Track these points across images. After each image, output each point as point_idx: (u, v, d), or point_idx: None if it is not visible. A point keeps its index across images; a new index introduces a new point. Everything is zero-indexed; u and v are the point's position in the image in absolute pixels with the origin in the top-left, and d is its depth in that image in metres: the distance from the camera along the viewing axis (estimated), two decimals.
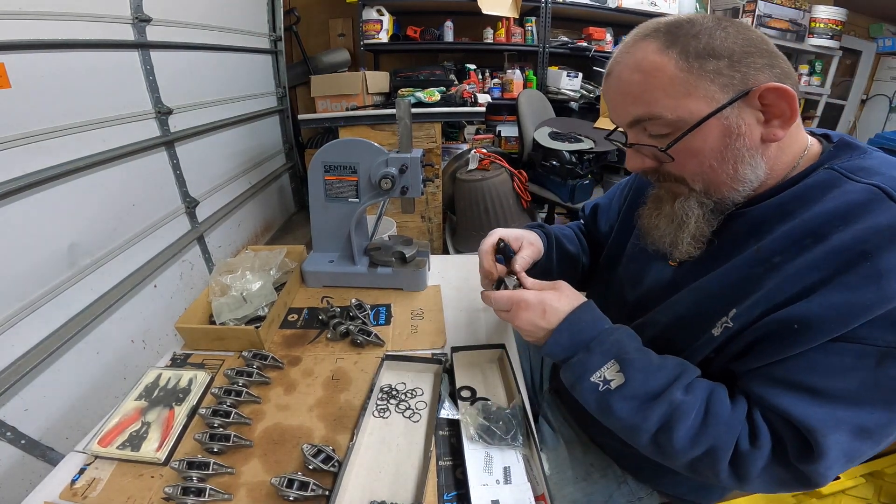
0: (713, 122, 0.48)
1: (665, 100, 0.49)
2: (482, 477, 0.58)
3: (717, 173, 0.51)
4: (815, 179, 0.50)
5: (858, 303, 0.42)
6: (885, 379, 0.43)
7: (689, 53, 0.48)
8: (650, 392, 0.52)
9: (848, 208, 0.45)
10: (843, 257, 0.43)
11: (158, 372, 0.75)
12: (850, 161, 0.50)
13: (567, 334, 0.56)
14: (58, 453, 1.19)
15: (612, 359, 0.54)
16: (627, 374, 0.53)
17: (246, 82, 2.56)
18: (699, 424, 0.50)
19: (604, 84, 0.57)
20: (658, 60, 0.49)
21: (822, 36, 3.48)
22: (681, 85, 0.48)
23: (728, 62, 0.47)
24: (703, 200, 0.54)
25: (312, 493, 0.55)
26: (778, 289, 0.47)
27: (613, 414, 0.53)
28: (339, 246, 1.04)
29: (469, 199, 2.27)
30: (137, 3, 1.60)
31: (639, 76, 0.50)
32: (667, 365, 0.54)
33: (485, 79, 3.06)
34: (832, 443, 0.44)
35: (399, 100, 1.12)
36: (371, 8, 2.77)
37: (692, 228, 0.55)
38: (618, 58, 0.53)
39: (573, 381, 0.56)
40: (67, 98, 1.32)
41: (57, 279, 1.27)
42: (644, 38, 0.51)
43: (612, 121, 0.58)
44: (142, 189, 1.64)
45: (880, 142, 2.55)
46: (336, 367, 0.78)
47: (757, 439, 0.48)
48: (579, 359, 0.55)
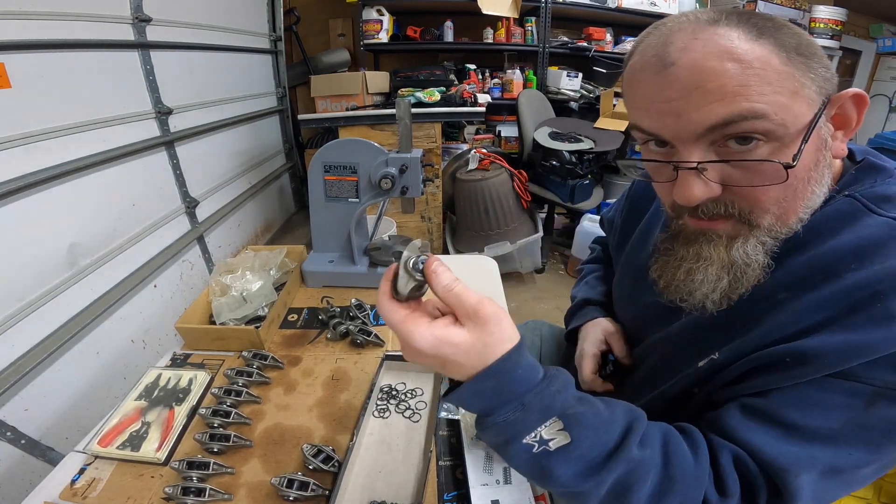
0: (814, 134, 0.40)
1: (770, 97, 0.37)
2: (482, 477, 0.58)
3: (797, 199, 0.42)
4: (834, 209, 0.44)
5: (862, 343, 0.38)
6: (874, 420, 0.39)
7: (786, 47, 0.38)
8: (602, 452, 0.41)
9: (864, 245, 0.40)
10: (853, 298, 0.39)
11: (158, 372, 0.75)
12: (874, 188, 0.44)
13: (491, 385, 0.40)
14: (58, 453, 1.19)
15: (553, 416, 0.40)
16: (574, 434, 0.40)
17: (246, 82, 2.56)
18: (660, 482, 0.41)
19: (653, 82, 0.41)
20: (756, 49, 0.37)
21: (822, 36, 3.48)
22: (789, 80, 0.38)
23: (821, 63, 0.40)
24: (765, 240, 0.43)
25: (312, 493, 0.55)
26: (777, 327, 0.42)
27: (553, 479, 0.41)
28: (339, 246, 1.04)
29: (469, 199, 2.27)
30: (137, 3, 1.61)
31: (734, 66, 0.37)
32: (616, 415, 0.43)
33: (485, 79, 3.06)
34: (804, 483, 0.40)
35: (399, 100, 1.12)
36: (371, 8, 2.77)
37: (752, 279, 0.44)
38: (681, 44, 0.39)
39: (499, 443, 0.42)
40: (67, 98, 1.32)
41: (57, 279, 1.27)
42: (714, 25, 0.39)
43: (663, 130, 0.42)
44: (142, 189, 1.65)
45: (880, 142, 2.55)
46: (336, 367, 0.78)
47: (726, 488, 0.41)
48: (509, 418, 0.40)
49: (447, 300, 0.41)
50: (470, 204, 2.27)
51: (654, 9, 2.96)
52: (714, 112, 0.38)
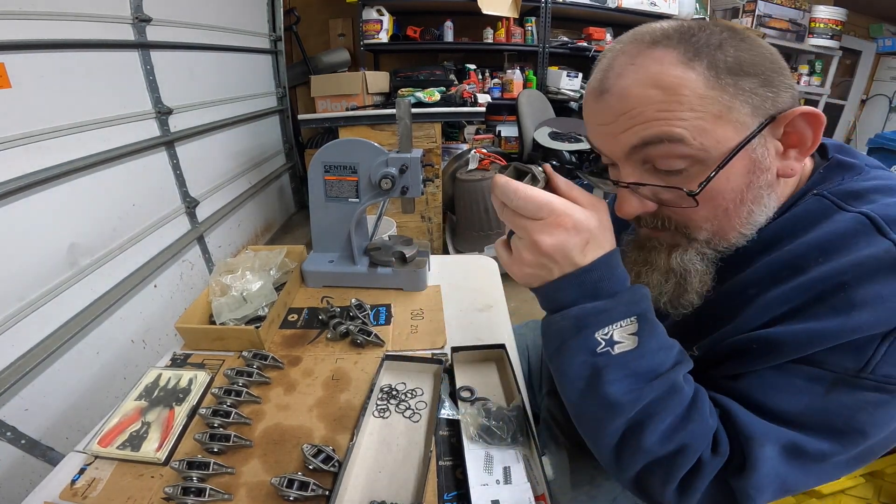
0: (740, 155, 0.41)
1: (690, 121, 0.40)
2: (482, 477, 0.58)
3: (730, 218, 0.45)
4: (804, 209, 0.46)
5: (823, 330, 0.39)
6: (835, 405, 0.40)
7: (718, 68, 0.40)
8: (654, 369, 0.43)
9: (832, 240, 0.42)
10: (818, 289, 0.40)
11: (158, 372, 0.75)
12: (842, 185, 0.46)
13: (596, 275, 0.43)
14: (58, 453, 1.19)
15: (635, 315, 0.42)
16: (642, 340, 0.42)
17: (246, 82, 2.56)
18: (680, 419, 0.43)
19: (592, 105, 0.46)
20: (683, 74, 0.40)
21: (821, 36, 3.49)
22: (712, 105, 0.40)
23: (761, 80, 0.41)
24: (705, 251, 0.48)
25: (312, 493, 0.55)
26: (747, 319, 0.44)
27: (600, 386, 0.42)
28: (339, 246, 1.04)
29: (469, 199, 2.27)
30: (137, 3, 1.61)
31: (657, 93, 0.40)
32: (675, 345, 0.45)
33: (485, 79, 3.06)
34: (766, 455, 0.40)
35: (399, 100, 1.12)
36: (371, 8, 2.77)
37: (696, 286, 0.48)
38: (618, 70, 0.43)
39: (569, 333, 0.44)
40: (67, 98, 1.32)
41: (57, 279, 1.27)
42: (653, 47, 0.42)
43: (602, 148, 0.47)
44: (142, 189, 1.65)
45: (880, 142, 2.55)
46: (336, 367, 0.78)
47: (718, 446, 0.43)
48: (598, 306, 0.42)
49: (572, 193, 0.44)
50: (470, 204, 2.27)
51: (654, 9, 2.97)
52: (635, 134, 0.42)
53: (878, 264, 0.38)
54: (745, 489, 0.41)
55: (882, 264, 0.38)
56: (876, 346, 0.38)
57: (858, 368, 0.39)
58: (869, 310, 0.37)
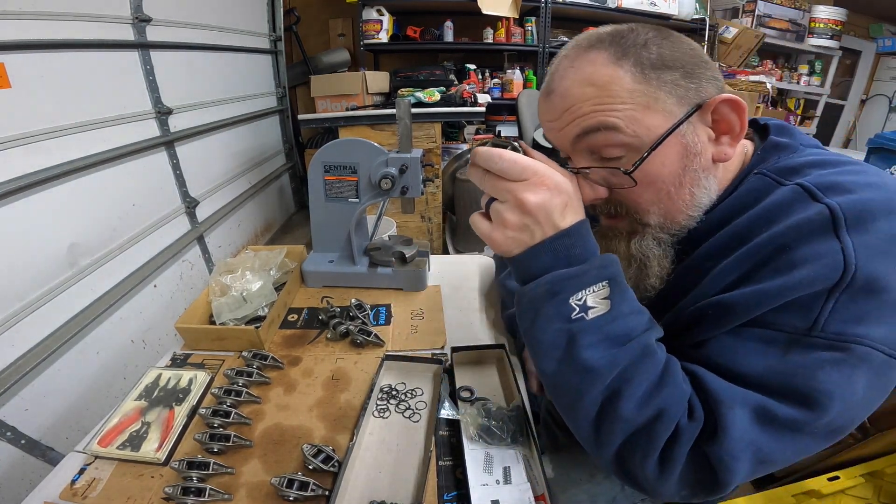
0: (672, 141, 0.47)
1: (623, 112, 0.46)
2: (482, 477, 0.58)
3: (674, 201, 0.50)
4: (747, 187, 0.50)
5: (767, 290, 0.42)
6: (793, 365, 0.41)
7: (643, 64, 0.46)
8: (627, 332, 0.45)
9: (772, 209, 0.46)
10: (763, 254, 0.44)
11: (158, 372, 0.75)
12: (779, 162, 0.50)
13: (570, 241, 0.45)
14: (58, 453, 1.19)
15: (606, 279, 0.45)
16: (615, 303, 0.44)
17: (246, 82, 2.56)
18: (656, 382, 0.44)
19: (542, 105, 0.52)
20: (612, 73, 0.46)
21: (821, 36, 3.49)
22: (640, 97, 0.46)
23: (682, 73, 0.46)
24: (660, 236, 0.52)
25: (312, 493, 0.55)
26: (703, 290, 0.48)
27: (576, 351, 0.44)
28: (339, 246, 1.04)
29: (469, 199, 2.27)
30: (137, 3, 1.61)
31: (591, 90, 0.46)
32: (646, 311, 0.48)
33: (485, 79, 3.06)
34: (736, 418, 0.41)
35: (399, 100, 1.12)
36: (371, 8, 2.77)
37: (656, 270, 0.52)
38: (561, 73, 0.49)
39: (543, 299, 0.45)
40: (67, 98, 1.32)
41: (57, 279, 1.27)
42: (588, 51, 0.48)
43: (553, 138, 0.52)
44: (142, 189, 1.65)
45: (880, 142, 2.54)
46: (336, 367, 0.78)
47: (693, 412, 0.44)
48: (571, 271, 0.45)
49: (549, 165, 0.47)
50: (470, 204, 2.28)
51: (654, 9, 2.97)
52: (577, 126, 0.48)
53: (813, 225, 0.42)
54: (719, 455, 0.41)
55: (816, 225, 0.41)
56: (822, 303, 0.40)
57: (808, 327, 0.41)
58: (808, 267, 0.40)
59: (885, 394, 0.42)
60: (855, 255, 0.39)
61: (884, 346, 0.40)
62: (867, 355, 0.40)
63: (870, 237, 0.40)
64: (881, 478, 0.77)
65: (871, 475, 0.78)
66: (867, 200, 0.41)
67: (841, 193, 0.42)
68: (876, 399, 0.42)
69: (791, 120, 3.78)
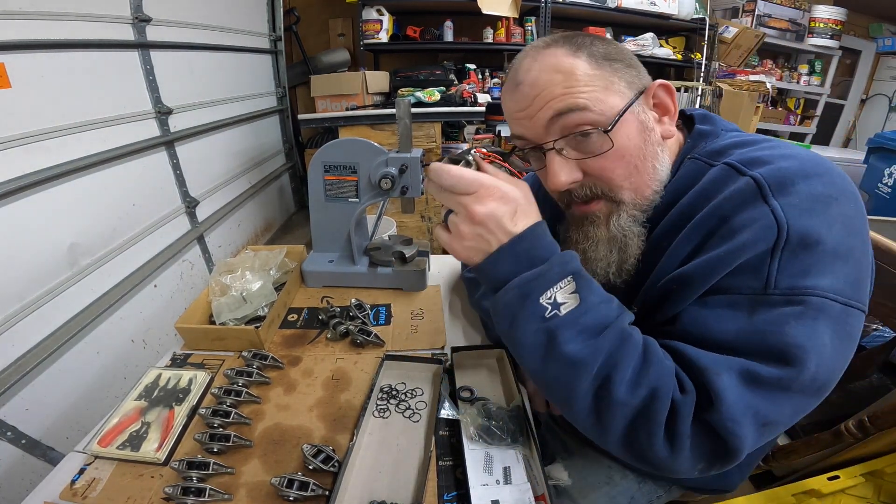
0: (630, 118, 0.53)
1: (587, 94, 0.51)
2: (482, 477, 0.58)
3: (641, 174, 0.55)
4: (684, 171, 0.56)
5: (716, 257, 0.47)
6: (761, 325, 0.44)
7: (595, 56, 0.53)
8: (601, 321, 0.47)
9: (708, 187, 0.52)
10: (707, 226, 0.49)
11: (158, 372, 0.75)
12: (706, 147, 0.56)
13: (527, 244, 0.49)
14: (58, 453, 1.19)
15: (570, 274, 0.48)
16: (583, 295, 0.48)
17: (246, 82, 2.56)
18: (641, 364, 0.46)
19: (511, 96, 0.56)
20: (573, 62, 0.52)
21: (821, 36, 3.49)
22: (599, 80, 0.52)
23: (625, 64, 0.55)
24: (634, 213, 0.56)
25: (312, 493, 0.55)
26: (663, 266, 0.53)
27: (558, 348, 0.46)
28: (339, 246, 1.04)
29: None
30: (137, 3, 1.61)
31: (559, 76, 0.52)
32: (613, 297, 0.51)
33: (485, 79, 3.06)
34: (725, 383, 0.43)
35: (399, 99, 1.12)
36: (371, 8, 2.77)
37: (634, 250, 0.56)
38: (526, 66, 0.55)
39: (516, 304, 0.48)
40: (67, 98, 1.32)
41: (57, 279, 1.27)
42: (547, 48, 0.54)
43: (524, 130, 0.56)
44: (142, 189, 1.65)
45: (880, 141, 2.54)
46: (336, 367, 0.78)
47: (683, 384, 0.45)
48: (535, 272, 0.48)
49: (497, 174, 0.52)
50: None
51: (654, 8, 2.96)
52: (551, 108, 0.52)
53: (744, 195, 0.47)
54: (722, 422, 0.43)
55: (746, 194, 0.47)
56: (768, 262, 0.45)
57: (763, 286, 0.45)
58: (747, 231, 0.46)
59: (853, 343, 0.45)
60: (784, 215, 0.44)
61: (836, 294, 0.43)
62: (823, 305, 0.43)
63: (793, 199, 0.45)
64: (881, 477, 0.77)
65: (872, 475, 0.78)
66: (784, 168, 0.47)
67: (761, 165, 0.48)
68: (846, 349, 0.45)
69: (791, 119, 3.78)
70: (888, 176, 2.47)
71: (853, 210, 0.46)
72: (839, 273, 0.44)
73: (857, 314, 0.45)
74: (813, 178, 0.46)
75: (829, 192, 0.45)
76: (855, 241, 0.45)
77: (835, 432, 0.76)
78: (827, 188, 0.46)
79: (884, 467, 0.77)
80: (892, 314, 0.72)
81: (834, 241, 0.44)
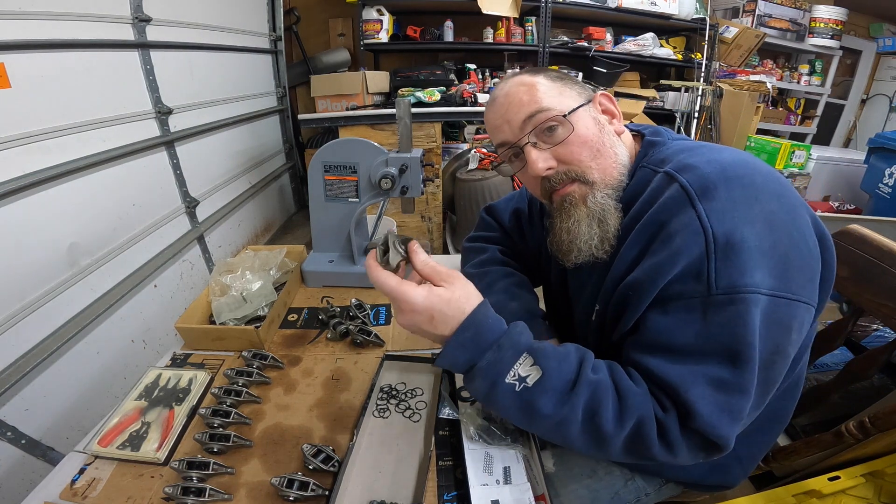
0: (584, 114, 0.63)
1: (548, 99, 0.62)
2: (482, 477, 0.58)
3: (604, 157, 0.63)
4: (637, 178, 0.62)
5: (660, 261, 0.51)
6: (715, 328, 0.48)
7: (551, 76, 0.66)
8: (568, 379, 0.51)
9: (652, 193, 0.57)
10: (649, 230, 0.54)
11: (158, 372, 0.75)
12: (654, 156, 0.62)
13: (470, 335, 0.53)
14: (58, 453, 1.19)
15: (523, 352, 0.52)
16: (543, 365, 0.52)
17: (246, 82, 2.56)
18: (618, 401, 0.51)
19: (490, 109, 0.68)
20: (533, 79, 0.65)
21: (822, 36, 3.48)
22: (555, 90, 0.64)
23: (574, 82, 0.67)
24: (607, 192, 0.62)
25: (312, 493, 0.55)
26: (617, 268, 0.58)
27: (539, 412, 0.51)
28: (339, 246, 1.04)
29: (469, 198, 2.27)
30: (137, 3, 1.61)
31: (524, 88, 0.64)
32: (569, 349, 0.55)
33: (485, 78, 3.06)
34: (696, 396, 0.47)
35: (399, 99, 1.12)
36: (371, 8, 2.76)
37: (614, 220, 0.61)
38: (499, 87, 0.68)
39: (487, 387, 0.52)
40: (67, 98, 1.32)
41: (57, 279, 1.27)
42: (514, 76, 0.67)
43: (505, 135, 0.66)
44: (142, 189, 1.64)
45: (880, 141, 2.54)
46: (336, 367, 0.78)
47: (662, 402, 0.50)
48: (490, 360, 0.52)
49: (424, 271, 0.56)
50: (470, 203, 2.27)
51: (655, 8, 2.96)
52: (522, 112, 0.63)
53: (674, 201, 0.52)
54: (703, 428, 0.47)
55: (676, 201, 0.52)
56: (706, 265, 0.48)
57: (707, 288, 0.48)
58: (681, 235, 0.50)
59: (789, 331, 0.49)
60: (708, 219, 0.49)
61: (764, 288, 0.47)
62: (756, 300, 0.47)
63: (715, 203, 0.49)
64: (881, 478, 0.77)
65: (872, 475, 0.78)
66: (707, 174, 0.52)
67: (688, 171, 0.53)
68: (777, 336, 0.49)
69: (791, 120, 3.77)
70: (888, 176, 2.47)
71: (776, 206, 0.50)
72: (765, 267, 0.48)
73: (786, 303, 0.48)
74: (733, 180, 0.50)
75: (749, 193, 0.50)
76: (778, 235, 0.48)
77: (835, 433, 0.76)
78: (746, 189, 0.50)
79: (884, 468, 0.77)
80: (893, 314, 0.72)
81: (757, 238, 0.48)
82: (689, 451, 0.50)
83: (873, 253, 0.72)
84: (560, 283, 0.79)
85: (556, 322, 0.81)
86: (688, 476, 0.73)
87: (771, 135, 3.41)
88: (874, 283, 0.74)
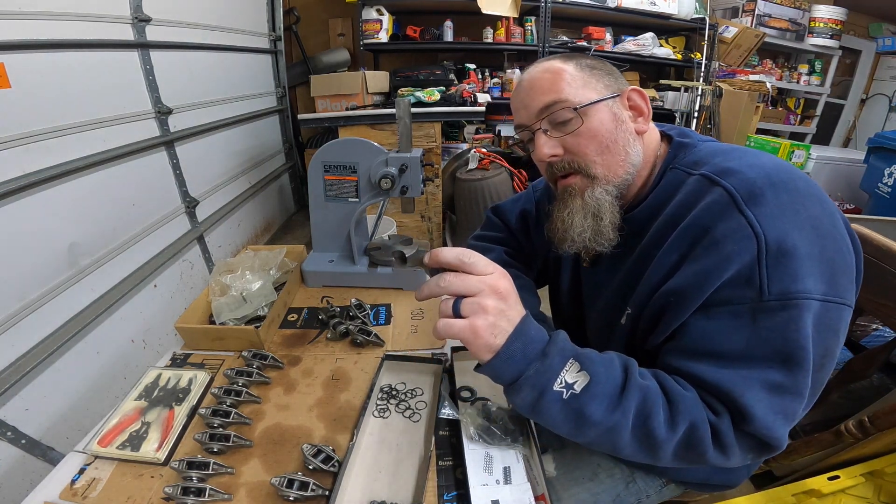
0: (603, 108, 0.62)
1: (569, 89, 0.61)
2: (482, 477, 0.58)
3: (612, 154, 0.62)
4: (667, 180, 0.62)
5: (706, 267, 0.50)
6: (766, 332, 0.48)
7: (581, 65, 0.64)
8: (617, 384, 0.50)
9: (688, 197, 0.56)
10: (690, 235, 0.53)
11: (158, 372, 0.75)
12: (686, 158, 0.61)
13: (520, 345, 0.50)
14: (58, 453, 1.19)
15: (570, 357, 0.51)
16: (590, 371, 0.50)
17: (246, 82, 2.56)
18: (668, 405, 0.50)
19: (515, 92, 0.68)
20: (562, 66, 0.64)
21: (821, 35, 3.48)
22: (579, 80, 0.62)
23: (605, 72, 0.65)
24: (607, 188, 0.62)
25: (312, 493, 0.55)
26: (654, 272, 0.57)
27: (588, 419, 0.49)
28: (339, 246, 1.04)
29: (469, 198, 2.27)
30: (137, 3, 1.61)
31: (549, 75, 0.63)
32: (611, 356, 0.54)
33: (484, 78, 3.06)
34: (752, 400, 0.47)
35: (399, 99, 1.12)
36: (371, 7, 2.76)
37: (609, 216, 0.62)
38: (528, 72, 0.68)
39: (535, 397, 0.50)
40: (67, 98, 1.32)
41: (57, 279, 1.27)
42: (547, 59, 0.66)
43: (522, 118, 0.67)
44: (142, 189, 1.64)
45: (880, 141, 2.54)
46: (336, 367, 0.78)
47: (713, 406, 0.50)
48: (537, 368, 0.50)
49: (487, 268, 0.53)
50: (470, 203, 2.27)
51: (654, 8, 2.96)
52: (541, 100, 0.63)
53: (720, 205, 0.51)
54: (758, 431, 0.48)
55: (721, 205, 0.51)
56: (758, 270, 0.48)
57: (759, 294, 0.48)
58: (730, 241, 0.49)
59: (837, 334, 0.49)
60: (759, 224, 0.48)
61: (816, 294, 0.47)
62: (809, 305, 0.47)
63: (764, 208, 0.49)
64: (881, 477, 0.77)
65: (871, 475, 0.78)
66: (752, 179, 0.51)
67: (731, 175, 0.52)
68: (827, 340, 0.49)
69: (791, 119, 3.77)
70: (888, 176, 2.47)
71: (819, 211, 0.50)
72: (815, 273, 0.47)
73: (836, 308, 0.48)
74: (779, 186, 0.50)
75: (795, 198, 0.49)
76: (825, 241, 0.48)
77: (835, 432, 0.76)
78: (792, 195, 0.49)
79: (884, 467, 0.77)
80: (893, 314, 0.72)
81: (807, 245, 0.47)
82: (743, 452, 0.50)
83: (873, 252, 0.72)
84: (572, 283, 0.78)
85: (563, 325, 0.81)
86: (692, 477, 0.73)
87: (770, 134, 3.42)
88: (873, 283, 0.74)
